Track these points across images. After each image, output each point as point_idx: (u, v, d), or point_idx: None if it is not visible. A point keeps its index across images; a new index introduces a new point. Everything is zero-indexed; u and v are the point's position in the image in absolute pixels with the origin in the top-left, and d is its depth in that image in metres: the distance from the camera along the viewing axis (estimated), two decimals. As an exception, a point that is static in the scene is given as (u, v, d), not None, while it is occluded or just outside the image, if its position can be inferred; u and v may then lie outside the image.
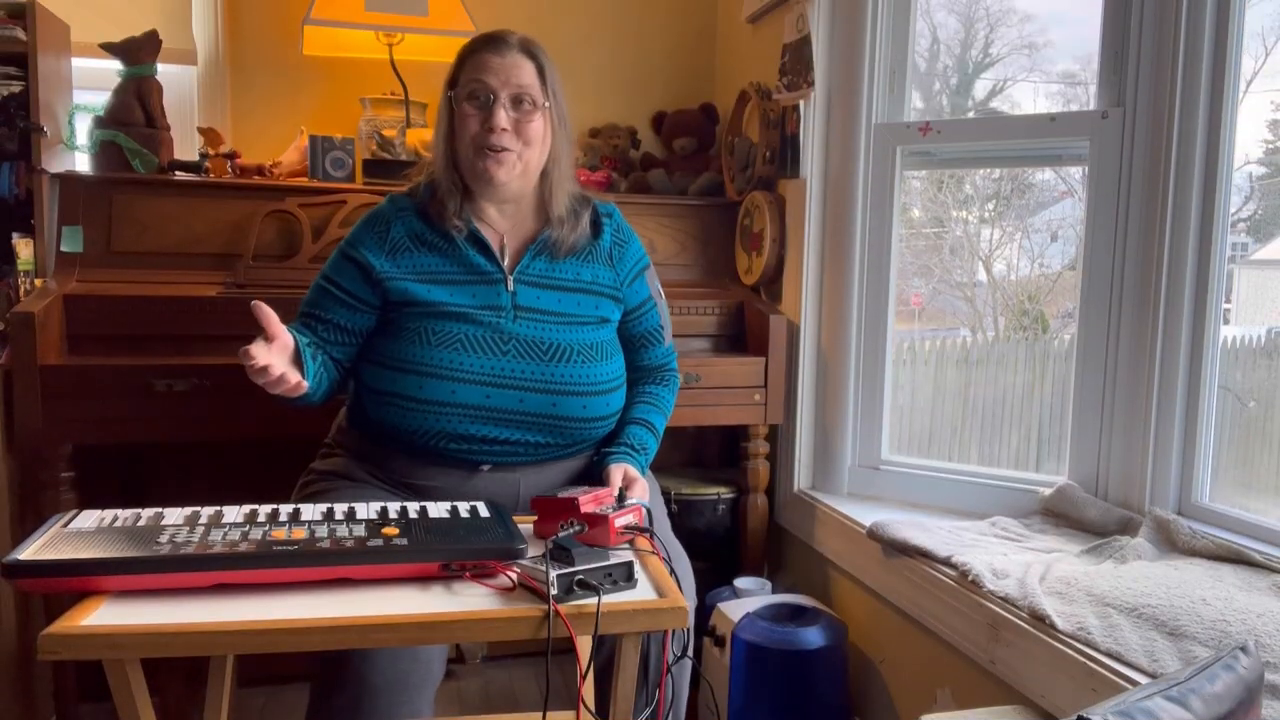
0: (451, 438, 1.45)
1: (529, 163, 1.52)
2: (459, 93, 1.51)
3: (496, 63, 1.48)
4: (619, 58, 2.75)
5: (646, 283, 1.68)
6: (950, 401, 2.15)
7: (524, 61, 1.50)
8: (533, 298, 1.53)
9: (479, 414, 1.45)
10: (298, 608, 1.00)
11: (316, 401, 1.47)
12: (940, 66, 2.28)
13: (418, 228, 1.53)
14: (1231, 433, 1.64)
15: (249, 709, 2.17)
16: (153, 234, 2.04)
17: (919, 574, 1.69)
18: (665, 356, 1.73)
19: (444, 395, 1.43)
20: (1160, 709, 0.83)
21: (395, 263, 1.50)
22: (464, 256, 1.52)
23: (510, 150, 1.49)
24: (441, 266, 1.52)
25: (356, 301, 1.51)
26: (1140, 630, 1.29)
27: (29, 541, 1.04)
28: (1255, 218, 1.71)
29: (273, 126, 2.49)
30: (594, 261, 1.60)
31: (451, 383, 1.44)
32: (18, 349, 1.70)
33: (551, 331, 1.52)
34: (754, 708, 1.85)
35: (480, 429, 1.46)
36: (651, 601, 1.07)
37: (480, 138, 1.48)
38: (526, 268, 1.55)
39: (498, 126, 1.47)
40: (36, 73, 1.94)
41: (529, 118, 1.49)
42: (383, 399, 1.47)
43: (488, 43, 1.51)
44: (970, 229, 2.26)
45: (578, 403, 1.51)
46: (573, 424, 1.51)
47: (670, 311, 1.82)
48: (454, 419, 1.44)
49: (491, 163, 1.48)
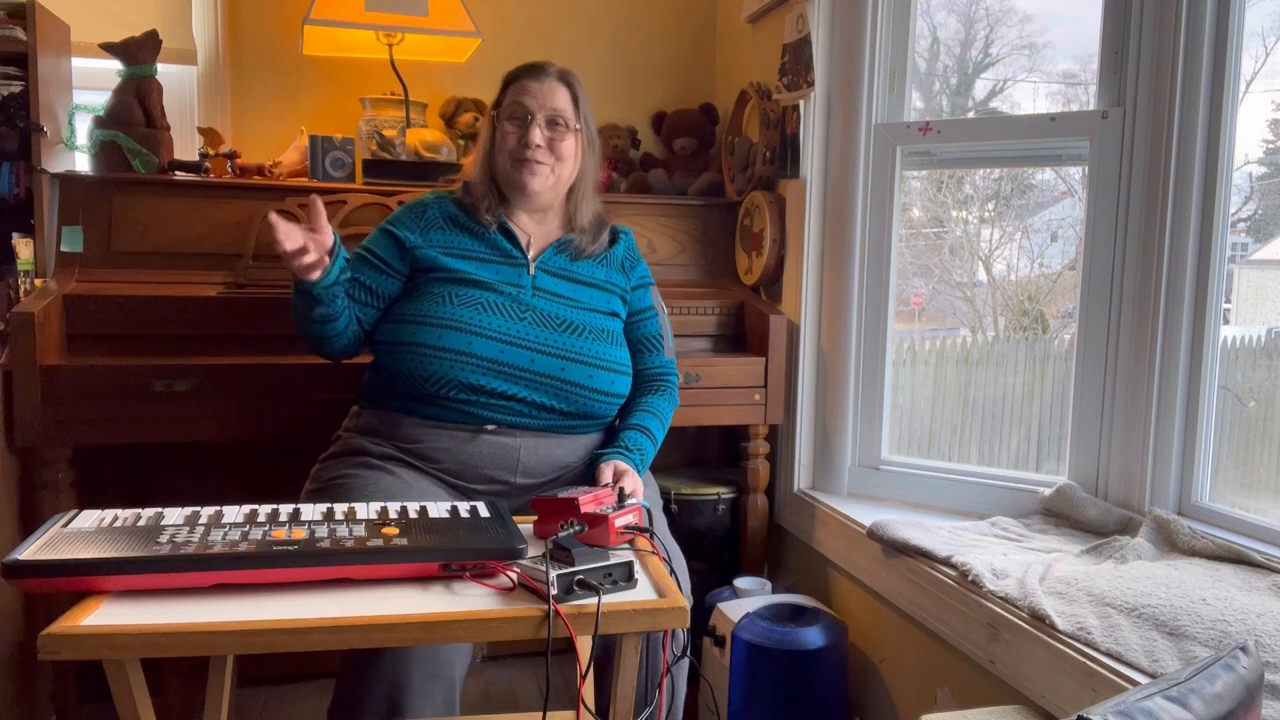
0: (462, 387, 1.54)
1: (561, 176, 1.68)
2: (501, 112, 1.68)
3: (535, 88, 1.65)
4: (619, 58, 2.75)
5: (650, 295, 1.80)
6: (950, 401, 2.15)
7: (560, 88, 1.66)
8: (551, 284, 1.67)
9: (491, 367, 1.55)
10: (298, 608, 1.00)
11: (337, 337, 1.59)
12: (940, 66, 2.28)
13: (453, 212, 1.70)
14: (1231, 433, 1.64)
15: (249, 709, 2.17)
16: (153, 234, 2.04)
17: (919, 574, 1.69)
18: (665, 365, 1.79)
19: (461, 345, 1.54)
20: (1160, 709, 0.83)
21: (426, 237, 1.66)
22: (492, 240, 1.67)
23: (544, 164, 1.65)
24: (470, 245, 1.66)
25: (385, 265, 1.64)
26: (1140, 630, 1.29)
27: (29, 541, 1.04)
28: (1255, 218, 1.70)
29: (273, 126, 2.49)
30: (609, 266, 1.75)
31: (469, 335, 1.55)
32: (18, 349, 1.70)
33: (566, 310, 1.65)
34: (754, 708, 1.85)
35: (491, 381, 1.55)
36: (651, 601, 1.07)
37: (517, 151, 1.65)
38: (549, 260, 1.69)
39: (533, 142, 1.63)
40: (36, 73, 1.94)
41: (562, 137, 1.66)
42: (401, 348, 1.56)
43: (530, 71, 1.68)
44: (970, 229, 2.26)
45: (584, 371, 1.60)
46: (578, 391, 1.59)
47: (670, 311, 1.84)
48: (468, 368, 1.53)
49: (526, 173, 1.64)
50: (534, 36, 2.66)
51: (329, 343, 1.60)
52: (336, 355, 1.65)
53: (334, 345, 1.61)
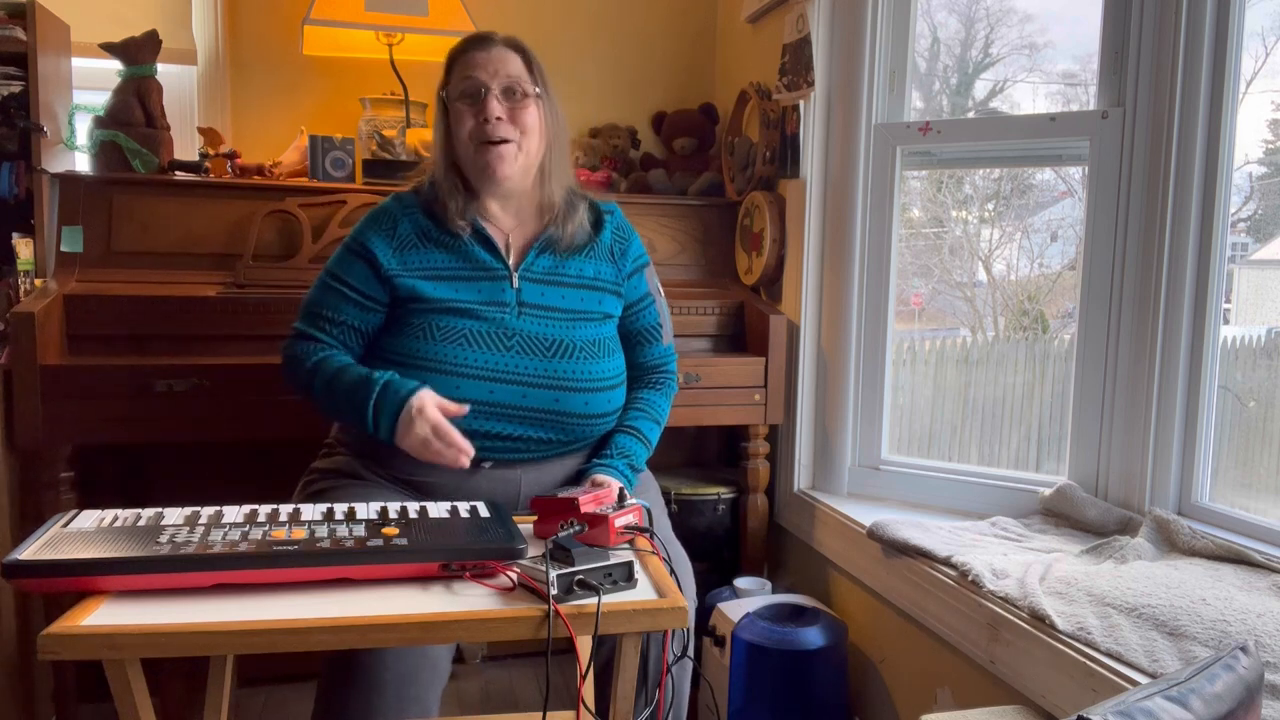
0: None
1: (530, 152, 1.54)
2: (451, 91, 1.54)
3: (484, 58, 1.52)
4: (619, 58, 2.75)
5: (645, 279, 1.70)
6: (950, 401, 2.15)
7: (510, 54, 1.54)
8: (537, 294, 1.56)
9: (482, 409, 1.46)
10: (298, 608, 1.00)
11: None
12: (940, 66, 2.28)
13: (424, 224, 1.56)
14: (1231, 433, 1.64)
15: (249, 709, 2.16)
16: (153, 234, 2.04)
17: (919, 574, 1.69)
18: (663, 356, 1.72)
19: (448, 391, 1.43)
20: (1160, 709, 0.83)
21: (403, 260, 1.52)
22: (470, 253, 1.54)
23: (510, 140, 1.51)
24: (448, 263, 1.54)
25: (366, 299, 1.52)
26: (1140, 630, 1.29)
27: (29, 541, 1.04)
28: (1255, 218, 1.70)
29: (273, 126, 2.49)
30: (596, 258, 1.63)
31: (455, 378, 1.46)
32: (18, 349, 1.70)
33: (555, 328, 1.54)
34: (754, 708, 1.85)
35: (483, 425, 1.47)
36: (651, 601, 1.06)
37: (477, 131, 1.51)
38: (531, 265, 1.57)
39: (492, 116, 1.49)
40: (36, 73, 1.94)
41: (523, 106, 1.52)
42: None
43: (474, 42, 1.55)
44: (970, 229, 2.26)
45: (580, 399, 1.52)
46: (574, 420, 1.53)
47: (670, 311, 1.82)
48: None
49: (493, 156, 1.51)
50: (534, 36, 2.62)
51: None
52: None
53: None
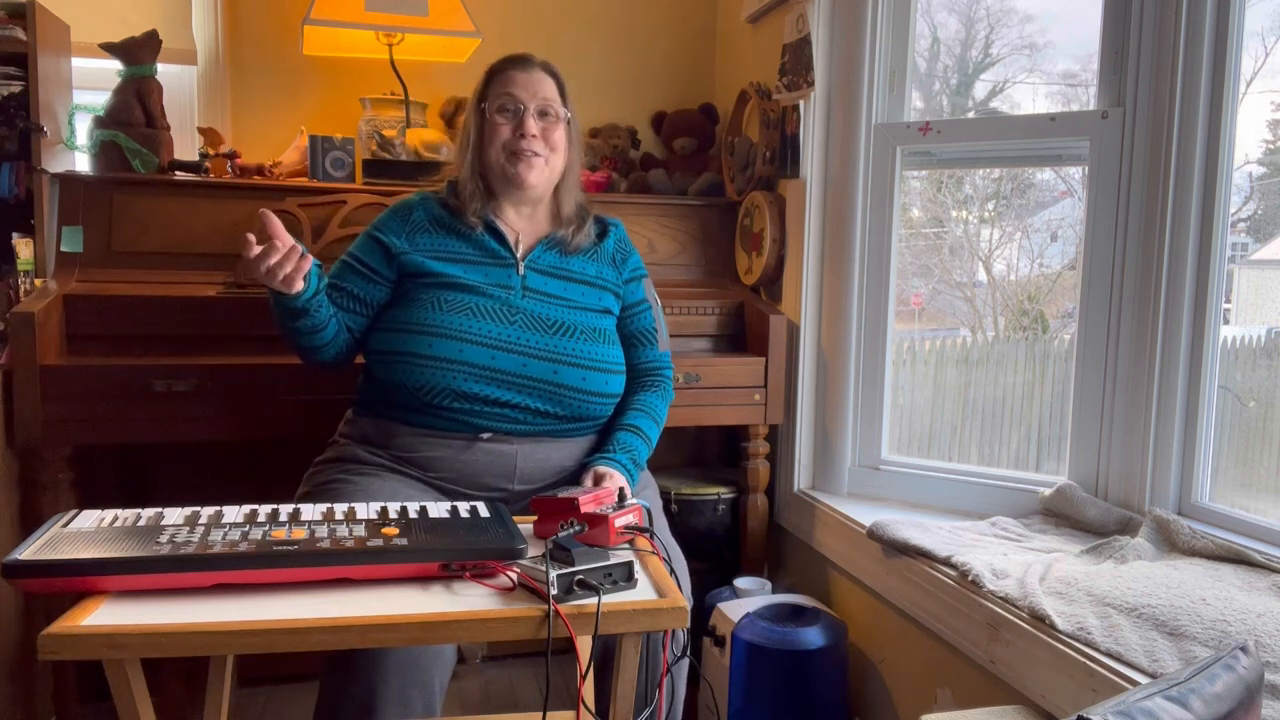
0: (456, 395, 1.53)
1: (554, 168, 1.68)
2: (489, 105, 1.65)
3: (523, 79, 1.65)
4: (619, 58, 2.75)
5: (643, 288, 1.78)
6: (950, 401, 2.15)
7: (547, 79, 1.67)
8: (541, 283, 1.65)
9: (483, 373, 1.54)
10: (298, 608, 1.00)
11: (327, 347, 1.59)
12: (940, 66, 2.28)
13: (439, 214, 1.68)
14: (1231, 433, 1.64)
15: (249, 709, 2.17)
16: (153, 234, 2.04)
17: (919, 574, 1.69)
18: (659, 359, 1.77)
19: (451, 353, 1.53)
20: (1160, 709, 0.83)
21: (413, 241, 1.64)
22: (480, 241, 1.66)
23: (540, 155, 1.64)
24: (457, 247, 1.64)
25: (372, 273, 1.63)
26: (1140, 630, 1.29)
27: (29, 541, 1.04)
28: (1255, 218, 1.70)
29: (273, 126, 2.49)
30: (599, 260, 1.73)
31: (459, 342, 1.54)
32: (18, 349, 1.70)
33: (557, 311, 1.63)
34: (754, 708, 1.85)
35: (484, 389, 1.54)
36: (651, 601, 1.07)
37: (512, 143, 1.63)
38: (538, 258, 1.68)
39: (529, 133, 1.62)
40: (36, 73, 1.94)
41: (554, 127, 1.66)
42: (392, 358, 1.55)
43: (515, 62, 1.67)
44: (970, 229, 2.26)
45: (577, 374, 1.59)
46: (571, 394, 1.58)
47: (670, 311, 1.83)
48: (459, 376, 1.53)
49: (523, 166, 1.63)
50: (534, 36, 2.65)
51: (318, 353, 1.60)
52: (327, 364, 1.64)
53: (324, 355, 1.61)
